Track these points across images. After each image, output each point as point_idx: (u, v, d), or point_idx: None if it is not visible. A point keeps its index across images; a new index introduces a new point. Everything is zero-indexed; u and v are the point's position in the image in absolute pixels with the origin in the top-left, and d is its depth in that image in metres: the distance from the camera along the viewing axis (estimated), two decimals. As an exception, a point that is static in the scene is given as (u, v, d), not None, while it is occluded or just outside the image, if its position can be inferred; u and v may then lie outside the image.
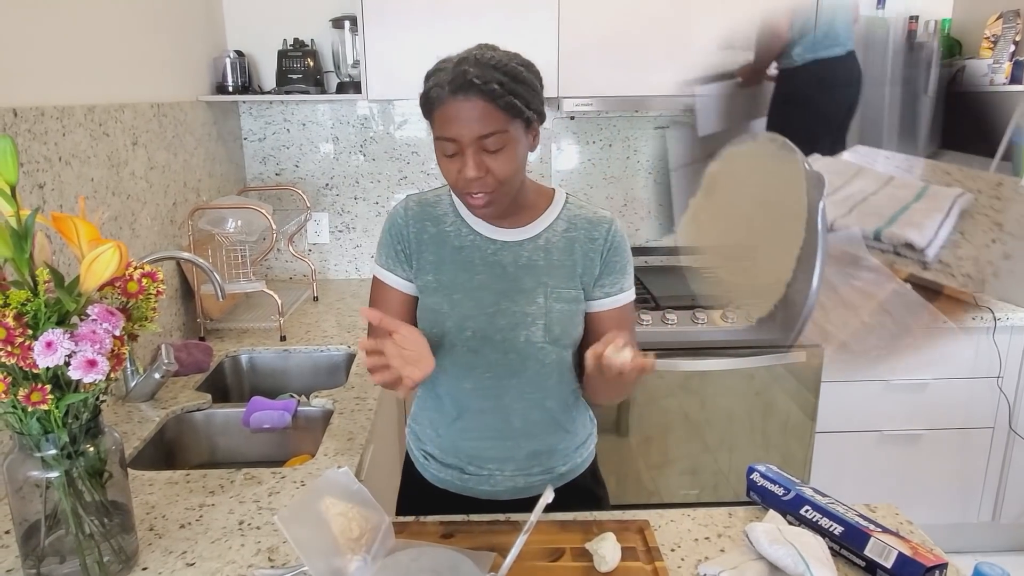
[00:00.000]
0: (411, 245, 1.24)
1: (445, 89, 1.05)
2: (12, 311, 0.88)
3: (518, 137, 1.09)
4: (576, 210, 1.24)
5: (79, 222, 0.92)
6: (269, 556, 1.11)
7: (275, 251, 2.74)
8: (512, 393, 1.23)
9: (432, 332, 1.23)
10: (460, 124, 1.05)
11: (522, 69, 1.09)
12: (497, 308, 1.20)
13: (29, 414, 0.96)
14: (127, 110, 1.82)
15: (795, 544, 1.01)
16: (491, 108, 1.04)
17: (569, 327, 1.22)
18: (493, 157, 1.07)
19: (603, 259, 1.21)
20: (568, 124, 2.74)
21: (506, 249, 1.21)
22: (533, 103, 1.10)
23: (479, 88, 1.03)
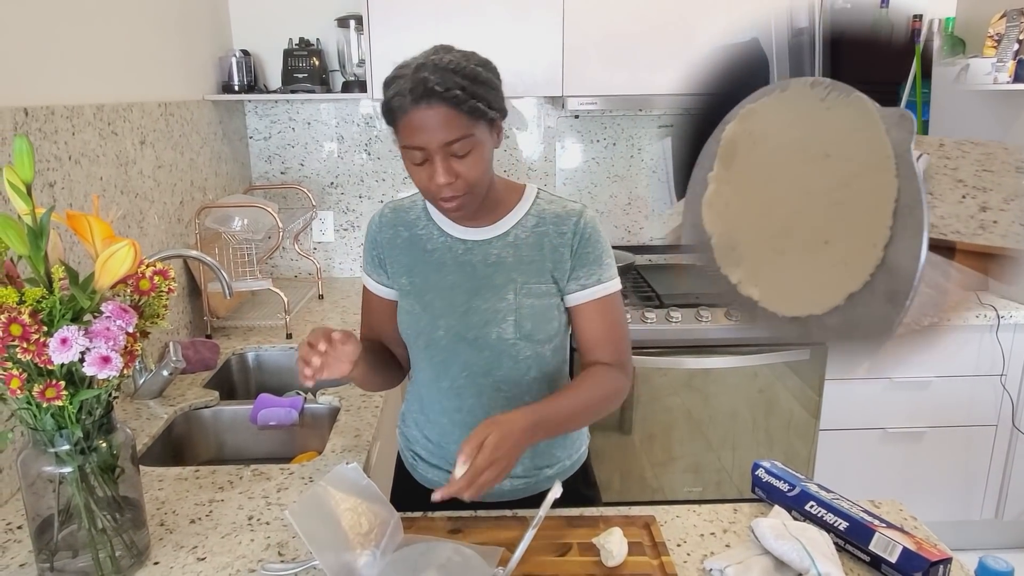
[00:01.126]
0: (384, 250, 1.27)
1: (407, 98, 1.04)
2: (28, 308, 0.89)
3: (484, 139, 1.10)
4: (546, 205, 1.24)
5: (93, 220, 0.93)
6: (279, 551, 1.13)
7: (281, 249, 2.75)
8: (489, 391, 1.24)
9: (408, 333, 1.27)
10: (426, 132, 1.05)
11: (480, 69, 1.08)
12: (468, 306, 1.21)
13: (43, 410, 0.97)
14: (135, 109, 1.83)
15: (800, 539, 1.02)
16: (455, 114, 1.04)
17: (541, 322, 1.21)
18: (461, 161, 1.08)
19: (574, 252, 1.21)
20: (572, 123, 2.75)
21: (476, 248, 1.22)
22: (495, 102, 1.10)
23: (441, 95, 1.03)
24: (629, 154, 2.77)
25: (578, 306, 1.23)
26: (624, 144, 2.77)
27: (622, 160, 2.78)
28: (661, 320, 2.29)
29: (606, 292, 1.23)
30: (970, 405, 2.45)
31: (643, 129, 2.75)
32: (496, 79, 1.12)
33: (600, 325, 1.23)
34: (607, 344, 1.24)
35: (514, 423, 1.03)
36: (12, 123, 1.33)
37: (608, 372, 1.22)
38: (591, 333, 1.24)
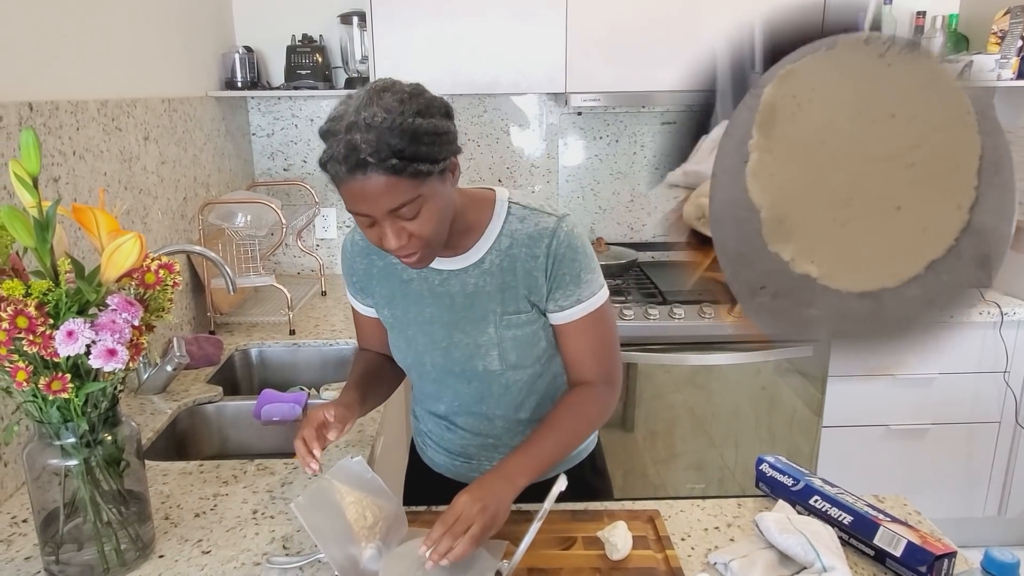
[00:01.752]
0: (363, 279, 1.23)
1: (341, 167, 0.93)
2: (34, 300, 0.90)
3: (434, 192, 0.99)
4: (517, 223, 1.14)
5: (99, 213, 0.93)
6: (284, 544, 1.13)
7: (283, 246, 2.75)
8: (485, 413, 1.24)
9: (399, 362, 1.27)
10: (366, 202, 0.96)
11: (420, 121, 0.94)
12: (450, 341, 1.18)
13: (49, 403, 0.97)
14: (139, 105, 1.83)
15: (805, 533, 1.02)
16: (395, 181, 0.94)
17: (527, 350, 1.17)
18: (411, 222, 0.99)
19: (549, 275, 1.13)
20: (575, 120, 2.75)
21: (453, 278, 1.16)
22: (442, 153, 0.98)
23: (376, 165, 0.92)
24: (632, 151, 2.77)
25: (560, 326, 1.17)
26: (627, 141, 2.77)
27: (625, 157, 2.78)
28: (664, 317, 2.29)
29: (587, 311, 1.15)
30: (973, 402, 2.45)
31: (646, 126, 2.75)
32: (443, 121, 0.99)
33: (584, 343, 1.17)
34: (591, 362, 1.18)
35: (496, 494, 1.00)
36: (17, 117, 1.33)
37: (589, 394, 1.18)
38: (575, 352, 1.19)
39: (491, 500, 0.99)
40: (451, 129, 1.01)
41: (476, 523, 0.96)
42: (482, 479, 1.03)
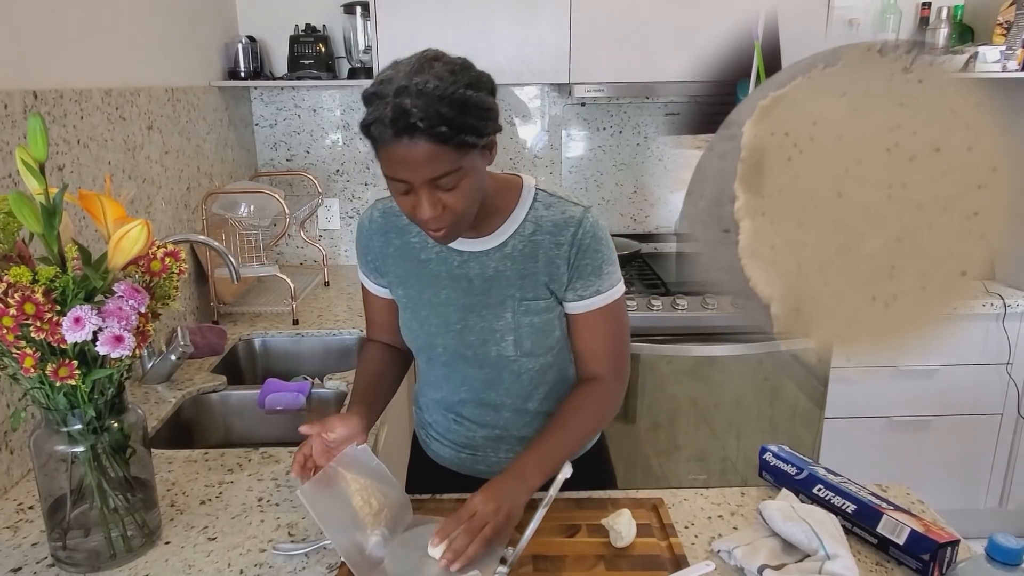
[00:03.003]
0: (379, 258, 1.22)
1: (388, 130, 0.92)
2: (41, 287, 0.90)
3: (474, 166, 0.99)
4: (543, 210, 1.14)
5: (105, 200, 0.93)
6: (289, 531, 1.13)
7: (286, 237, 2.75)
8: (493, 401, 1.23)
9: (410, 345, 1.26)
10: (408, 168, 0.95)
11: (471, 93, 0.95)
12: (464, 324, 1.16)
13: (56, 389, 0.97)
14: (142, 94, 1.83)
15: (808, 521, 1.02)
16: (441, 149, 0.93)
17: (542, 338, 1.17)
18: (449, 194, 0.98)
19: (571, 264, 1.13)
20: (579, 111, 2.74)
21: (472, 260, 1.15)
22: (487, 128, 0.98)
23: (424, 132, 0.91)
24: (635, 142, 2.77)
25: (575, 316, 1.17)
26: (630, 132, 2.76)
27: (628, 148, 2.78)
28: (667, 308, 2.29)
29: (605, 303, 1.16)
30: (976, 394, 2.45)
31: (650, 117, 2.75)
32: (489, 97, 0.99)
33: (597, 336, 1.18)
34: (603, 356, 1.19)
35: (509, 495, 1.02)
36: (22, 105, 1.33)
37: (600, 391, 1.18)
38: (588, 344, 1.19)
39: (505, 501, 1.00)
40: (496, 106, 1.01)
41: (490, 524, 0.97)
42: (496, 480, 1.04)
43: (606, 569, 1.01)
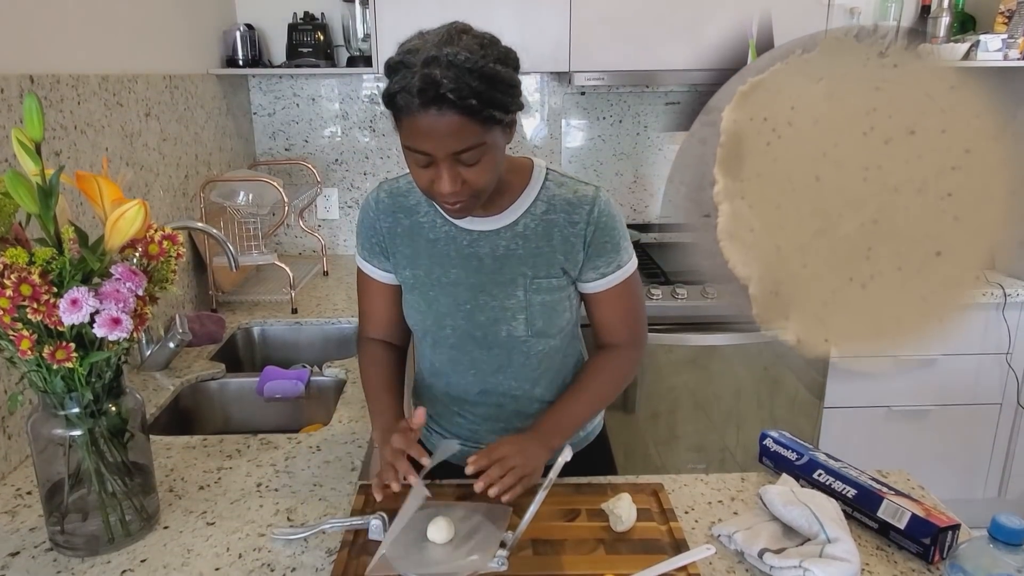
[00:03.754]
0: (385, 239, 1.19)
1: (415, 100, 0.91)
2: (38, 268, 0.89)
3: (495, 143, 0.99)
4: (556, 189, 1.14)
5: (102, 181, 0.92)
6: (288, 516, 1.13)
7: (285, 226, 2.74)
8: (501, 387, 1.22)
9: (415, 329, 1.23)
10: (432, 140, 0.94)
11: (499, 68, 0.94)
12: (475, 304, 1.15)
13: (53, 372, 0.97)
14: (140, 81, 1.82)
15: (809, 505, 1.02)
16: (467, 122, 0.92)
17: (553, 318, 1.16)
18: (470, 169, 0.98)
19: (587, 243, 1.13)
20: (578, 100, 2.73)
21: (483, 239, 1.14)
22: (513, 104, 0.98)
23: (453, 103, 0.90)
24: (635, 131, 2.76)
25: (597, 293, 1.17)
26: (630, 121, 2.75)
27: (628, 137, 2.77)
28: (667, 297, 2.29)
29: (625, 276, 1.17)
30: (975, 384, 2.45)
31: (650, 106, 2.74)
32: (516, 74, 0.99)
33: (619, 308, 1.19)
34: (623, 326, 1.21)
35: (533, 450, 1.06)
36: (18, 89, 1.32)
37: (618, 358, 1.21)
38: (609, 318, 1.20)
39: (530, 455, 1.04)
40: (520, 83, 1.00)
41: (519, 467, 1.01)
42: (518, 436, 1.06)
43: (606, 553, 1.01)
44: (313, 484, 1.22)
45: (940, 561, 1.01)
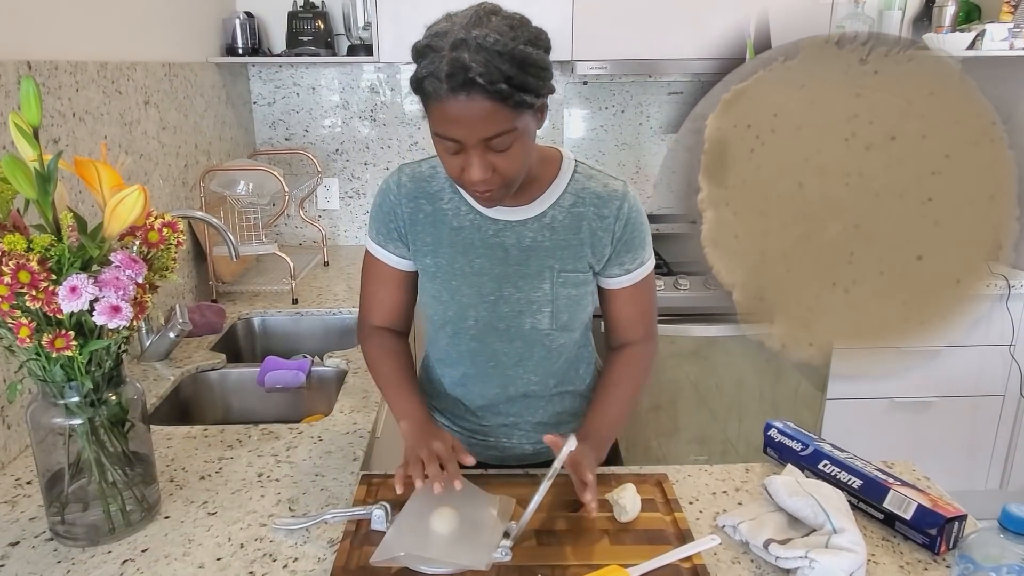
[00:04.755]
0: (405, 225, 1.14)
1: (443, 84, 0.89)
2: (36, 255, 0.88)
3: (527, 128, 0.96)
4: (585, 181, 1.11)
5: (101, 167, 0.91)
6: (289, 507, 1.12)
7: (285, 217, 2.73)
8: (519, 380, 1.21)
9: (435, 319, 1.19)
10: (462, 126, 0.91)
11: (531, 51, 0.91)
12: (499, 295, 1.13)
13: (53, 361, 0.96)
14: (139, 68, 1.80)
15: (815, 496, 1.01)
16: (498, 107, 0.89)
17: (577, 311, 1.16)
18: (501, 156, 0.95)
19: (616, 238, 1.11)
20: (580, 89, 2.71)
21: (508, 229, 1.11)
22: (543, 88, 0.94)
23: (483, 88, 0.88)
24: (638, 121, 2.74)
25: (617, 289, 1.17)
26: (633, 111, 2.73)
27: (630, 128, 2.75)
28: (669, 288, 2.28)
29: (647, 272, 1.17)
30: (978, 375, 2.44)
31: (652, 96, 2.72)
32: (547, 56, 0.95)
33: (640, 305, 1.19)
34: (640, 323, 1.21)
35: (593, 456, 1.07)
36: (16, 75, 1.31)
37: (643, 353, 1.22)
38: (627, 314, 1.20)
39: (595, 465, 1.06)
40: (551, 66, 0.97)
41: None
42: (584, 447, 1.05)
43: (610, 543, 1.00)
44: (315, 474, 1.21)
45: (947, 552, 1.00)
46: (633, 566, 0.94)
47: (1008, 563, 0.76)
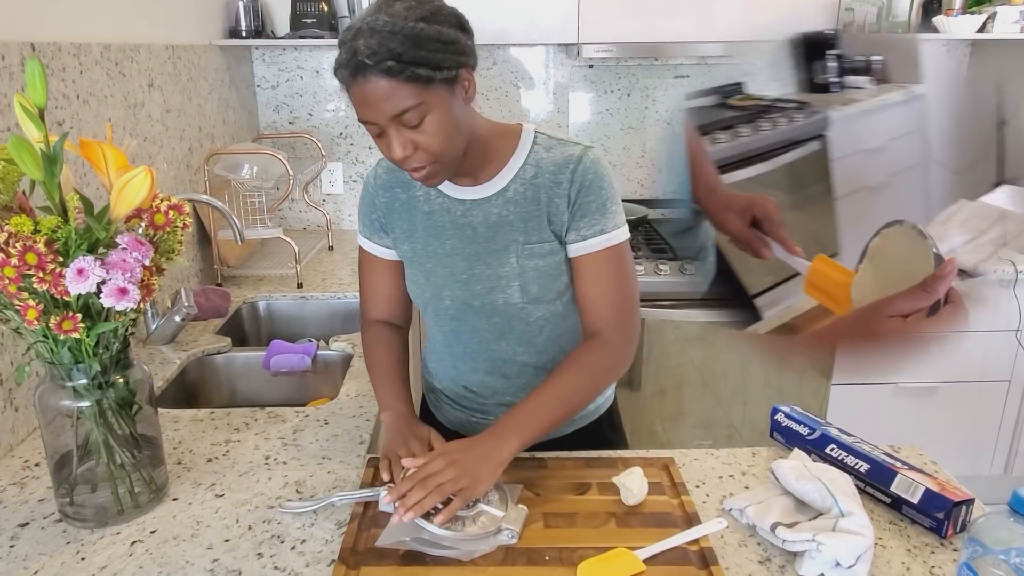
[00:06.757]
0: (384, 215, 1.20)
1: (345, 71, 0.95)
2: (43, 237, 0.88)
3: (439, 102, 0.97)
4: (544, 152, 1.12)
5: (107, 148, 0.91)
6: (297, 489, 1.13)
7: (290, 201, 2.72)
8: (504, 355, 1.21)
9: (417, 302, 1.24)
10: (369, 108, 0.95)
11: (423, 26, 0.93)
12: (471, 273, 1.15)
13: (60, 343, 0.96)
14: (142, 50, 1.79)
15: (822, 479, 1.01)
16: (395, 85, 0.93)
17: (547, 282, 1.14)
18: (417, 132, 0.97)
19: (571, 202, 1.09)
20: (586, 73, 2.69)
21: (476, 208, 1.13)
22: (446, 60, 0.95)
23: (374, 69, 0.92)
24: (643, 105, 2.73)
25: (579, 258, 1.12)
26: (638, 95, 2.72)
27: (636, 111, 2.73)
28: (674, 272, 2.27)
29: (609, 243, 1.11)
30: (984, 361, 2.44)
31: (658, 79, 2.70)
32: (449, 29, 0.97)
33: (602, 282, 1.12)
34: (607, 306, 1.13)
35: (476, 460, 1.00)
36: (19, 57, 1.30)
37: (600, 348, 1.12)
38: (592, 291, 1.13)
39: (470, 466, 0.99)
40: (459, 39, 0.98)
41: (446, 485, 0.96)
42: (470, 442, 1.03)
43: (617, 526, 1.00)
44: (321, 457, 1.22)
45: (954, 535, 1.00)
46: (640, 548, 0.94)
47: (1018, 546, 0.76)
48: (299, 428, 1.32)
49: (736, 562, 0.96)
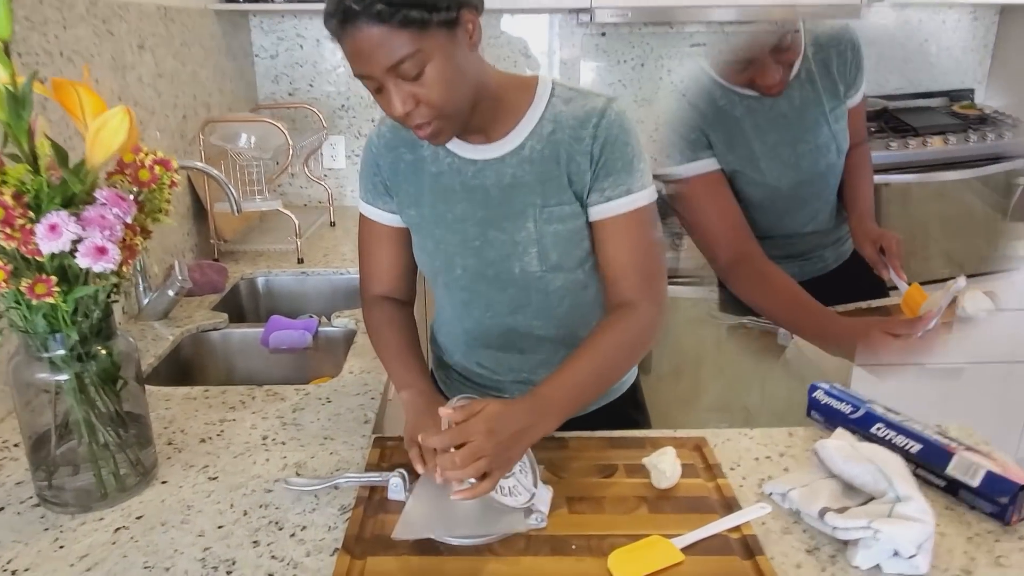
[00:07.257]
0: (388, 177, 1.09)
1: (333, 22, 0.87)
2: (11, 189, 0.78)
3: (439, 48, 0.88)
4: (562, 105, 1.01)
5: (83, 90, 0.81)
6: (297, 471, 1.04)
7: (290, 176, 2.63)
8: (520, 328, 1.11)
9: (426, 271, 1.13)
10: (363, 59, 0.87)
11: None
12: (484, 240, 1.05)
13: (34, 309, 0.87)
14: (131, 9, 1.68)
15: (874, 460, 0.92)
16: (387, 31, 0.84)
17: (569, 248, 1.04)
18: (417, 84, 0.88)
19: (594, 160, 0.99)
20: (598, 41, 2.58)
21: (488, 168, 1.03)
22: (443, 2, 0.86)
23: (362, 14, 0.84)
24: (658, 75, 2.62)
25: (602, 221, 1.02)
26: (652, 64, 2.61)
27: (650, 82, 2.63)
28: (692, 249, 2.17)
29: (635, 205, 1.01)
30: (1011, 341, 2.35)
31: (673, 48, 2.59)
32: None
33: (627, 247, 1.02)
34: (634, 273, 1.03)
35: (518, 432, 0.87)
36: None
37: (633, 315, 1.02)
38: (619, 258, 1.03)
39: (510, 442, 0.86)
40: None
41: (484, 461, 0.83)
42: (510, 407, 0.88)
43: (649, 512, 0.92)
44: (323, 437, 1.13)
45: (1018, 522, 0.91)
46: (677, 536, 0.85)
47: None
48: (299, 407, 1.23)
49: (781, 551, 0.87)
